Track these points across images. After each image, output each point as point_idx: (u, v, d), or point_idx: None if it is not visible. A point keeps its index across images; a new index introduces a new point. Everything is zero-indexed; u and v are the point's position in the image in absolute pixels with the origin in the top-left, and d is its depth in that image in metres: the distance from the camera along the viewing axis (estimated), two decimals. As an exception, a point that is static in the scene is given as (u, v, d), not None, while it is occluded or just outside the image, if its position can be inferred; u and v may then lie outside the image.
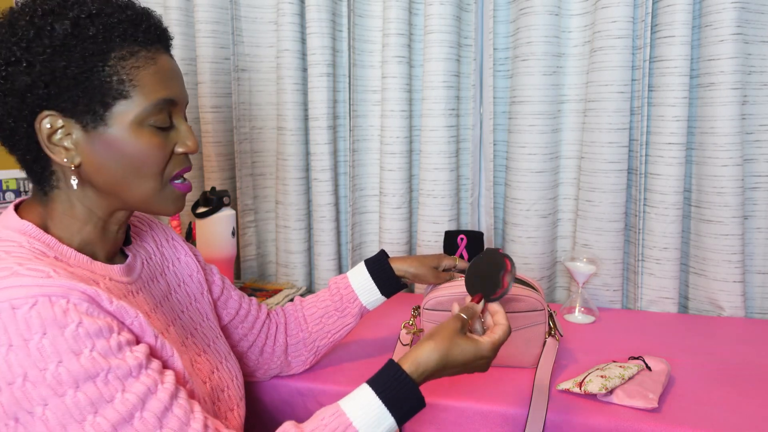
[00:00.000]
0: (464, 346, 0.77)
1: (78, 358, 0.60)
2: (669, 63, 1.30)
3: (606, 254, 1.42)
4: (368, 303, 1.04)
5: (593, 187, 1.40)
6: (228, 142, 1.65)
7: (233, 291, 1.01)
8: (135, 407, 0.62)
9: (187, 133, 0.76)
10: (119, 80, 0.69)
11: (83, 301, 0.62)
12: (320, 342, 1.06)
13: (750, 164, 1.34)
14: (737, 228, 1.32)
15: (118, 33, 0.69)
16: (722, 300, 1.35)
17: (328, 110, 1.53)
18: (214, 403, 0.80)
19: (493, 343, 0.79)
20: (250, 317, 1.02)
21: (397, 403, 0.72)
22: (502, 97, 1.50)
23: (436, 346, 0.76)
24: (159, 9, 1.64)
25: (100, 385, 0.60)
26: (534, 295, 1.06)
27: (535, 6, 1.37)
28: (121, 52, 0.69)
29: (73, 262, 0.71)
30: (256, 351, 1.02)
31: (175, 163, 0.75)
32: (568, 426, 0.93)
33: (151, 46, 0.72)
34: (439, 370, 0.76)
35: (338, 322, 1.05)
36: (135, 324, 0.68)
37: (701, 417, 0.92)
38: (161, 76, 0.72)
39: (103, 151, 0.70)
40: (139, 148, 0.71)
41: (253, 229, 1.69)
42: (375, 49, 1.55)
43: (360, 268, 1.06)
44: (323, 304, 1.06)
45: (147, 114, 0.71)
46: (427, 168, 1.50)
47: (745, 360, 1.12)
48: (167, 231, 0.95)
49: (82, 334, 0.61)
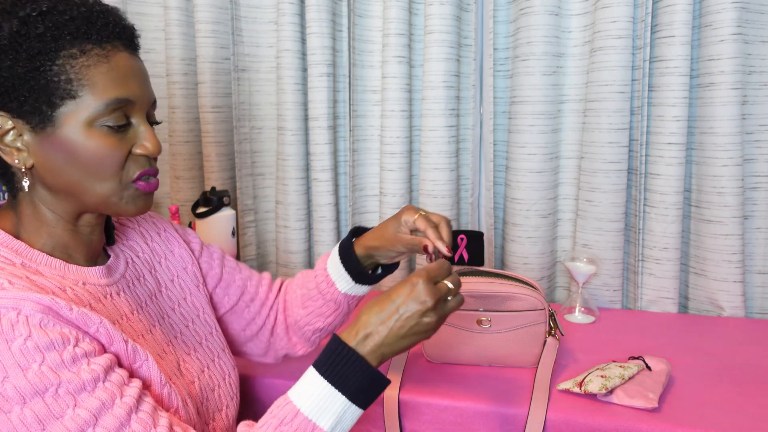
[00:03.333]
0: (396, 286, 0.70)
1: (25, 373, 0.58)
2: (669, 63, 1.30)
3: (606, 254, 1.42)
4: (347, 290, 0.93)
5: (593, 187, 1.41)
6: (228, 142, 1.65)
7: (237, 275, 0.97)
8: (86, 423, 0.59)
9: (146, 134, 0.72)
10: (67, 79, 0.66)
11: (37, 312, 0.61)
12: (313, 325, 0.97)
13: (750, 164, 1.34)
14: (737, 228, 1.32)
15: (69, 31, 0.67)
16: (722, 300, 1.35)
17: (328, 110, 1.53)
18: (202, 403, 0.79)
19: (424, 269, 0.70)
20: (257, 301, 0.98)
21: (344, 379, 0.66)
22: (502, 97, 1.50)
23: (367, 307, 0.70)
24: (159, 9, 1.64)
25: (49, 400, 0.59)
26: (534, 295, 1.06)
27: (535, 6, 1.37)
28: (71, 51, 0.67)
29: (43, 267, 0.69)
30: (267, 333, 0.99)
31: (136, 164, 0.71)
32: (568, 426, 0.93)
33: (106, 44, 0.69)
34: (379, 326, 0.68)
35: (324, 307, 0.96)
36: (101, 331, 0.66)
37: (701, 417, 0.92)
38: (114, 75, 0.68)
39: (54, 152, 0.68)
40: (91, 149, 0.68)
41: (253, 229, 1.69)
42: (375, 49, 1.55)
43: (335, 250, 0.94)
44: (310, 285, 0.96)
45: (98, 114, 0.68)
46: (427, 168, 1.50)
47: (745, 360, 1.12)
48: (159, 224, 0.92)
49: (31, 348, 0.59)
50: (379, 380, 0.68)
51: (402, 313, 0.68)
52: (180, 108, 1.64)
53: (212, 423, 0.81)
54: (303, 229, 1.61)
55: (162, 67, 1.67)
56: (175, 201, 1.69)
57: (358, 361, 0.67)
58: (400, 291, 0.69)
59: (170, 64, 1.61)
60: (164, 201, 1.75)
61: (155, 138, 0.72)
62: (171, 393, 0.71)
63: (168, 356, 0.78)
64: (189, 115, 1.65)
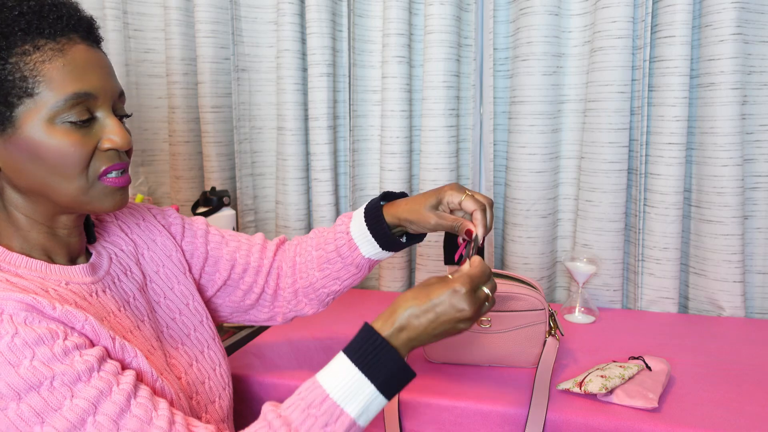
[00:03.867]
0: (431, 287, 0.71)
1: (17, 369, 0.58)
2: (669, 63, 1.30)
3: (606, 254, 1.42)
4: (372, 255, 0.91)
5: (593, 187, 1.41)
6: (228, 142, 1.66)
7: (224, 248, 0.95)
8: (86, 412, 0.60)
9: (113, 127, 0.69)
10: (22, 77, 0.64)
11: (20, 311, 0.60)
12: (329, 288, 0.95)
13: (750, 164, 1.34)
14: (737, 228, 1.32)
15: (20, 27, 0.65)
16: (722, 300, 1.35)
17: (328, 110, 1.53)
18: (192, 397, 0.79)
19: (467, 275, 0.71)
20: (251, 270, 0.96)
21: (375, 368, 0.67)
22: (502, 97, 1.50)
23: (402, 300, 0.70)
24: (159, 9, 1.64)
25: (45, 394, 0.59)
26: (534, 295, 1.06)
27: (535, 6, 1.37)
28: (23, 47, 0.65)
29: (22, 270, 0.68)
30: (268, 298, 0.98)
31: (102, 159, 0.70)
32: (568, 426, 0.93)
33: (61, 38, 0.67)
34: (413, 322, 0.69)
35: (343, 270, 0.93)
36: (86, 328, 0.65)
37: (701, 417, 0.92)
38: (71, 69, 0.66)
39: (18, 153, 0.66)
40: (54, 147, 0.66)
41: (253, 229, 1.69)
42: (375, 49, 1.56)
43: (359, 214, 0.91)
44: (329, 248, 0.94)
45: (58, 110, 0.66)
46: (427, 168, 1.50)
47: (745, 360, 1.12)
48: (138, 213, 0.90)
49: (20, 345, 0.59)
50: (408, 372, 0.69)
51: (439, 314, 0.70)
52: (180, 108, 1.64)
53: (205, 415, 0.80)
54: (303, 229, 1.61)
55: (162, 67, 1.67)
56: (175, 201, 1.69)
57: (391, 352, 0.67)
58: (441, 292, 0.70)
59: (170, 64, 1.62)
60: (164, 201, 1.75)
61: (123, 130, 0.70)
62: (164, 386, 0.71)
63: (156, 352, 0.77)
64: (189, 115, 1.65)
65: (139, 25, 1.66)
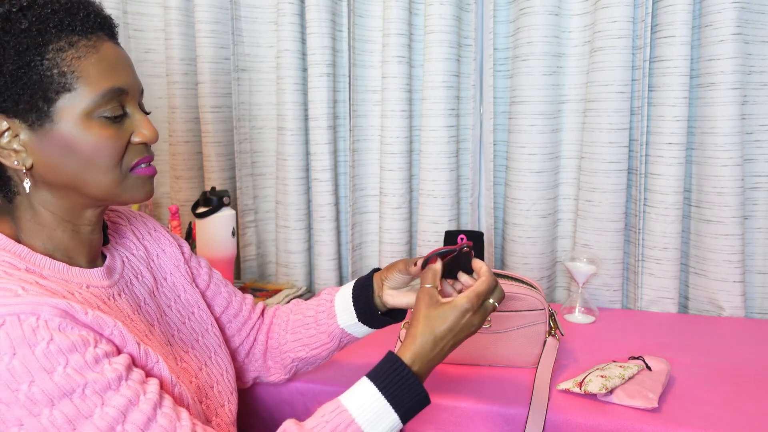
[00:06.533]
0: (442, 312, 0.75)
1: (51, 376, 0.59)
2: (669, 63, 1.30)
3: (606, 254, 1.42)
4: (346, 326, 0.91)
5: (593, 187, 1.40)
6: (228, 142, 1.65)
7: (223, 288, 0.97)
8: (116, 420, 0.60)
9: (142, 121, 0.72)
10: (60, 73, 0.66)
11: (55, 317, 0.61)
12: (296, 353, 0.95)
13: (750, 164, 1.34)
14: (737, 228, 1.32)
15: (54, 24, 0.66)
16: (722, 300, 1.35)
17: (328, 110, 1.53)
18: (202, 401, 0.79)
19: (475, 294, 0.76)
20: (240, 318, 0.97)
21: (399, 398, 0.70)
22: (502, 97, 1.50)
23: (420, 329, 0.74)
24: (159, 9, 1.64)
25: (77, 401, 0.59)
26: (534, 295, 1.06)
27: (535, 6, 1.37)
28: (58, 44, 0.66)
29: (47, 272, 0.69)
30: (242, 353, 0.98)
31: (133, 153, 0.72)
32: (568, 426, 0.93)
33: (92, 35, 0.68)
34: (434, 350, 0.74)
35: (315, 338, 0.94)
36: (115, 333, 0.66)
37: (701, 417, 0.92)
38: (105, 65, 0.68)
39: (54, 148, 0.68)
40: (91, 141, 0.68)
41: (253, 229, 1.69)
42: (375, 49, 1.55)
43: (348, 286, 0.93)
44: (308, 313, 0.96)
45: (95, 105, 0.68)
46: (427, 168, 1.50)
47: (745, 360, 1.12)
48: (149, 223, 0.92)
49: (54, 351, 0.59)
50: (427, 401, 0.73)
51: (457, 337, 0.76)
52: (180, 108, 1.64)
53: (215, 419, 0.81)
54: (303, 229, 1.61)
55: (162, 67, 1.67)
56: (175, 201, 1.69)
57: (415, 383, 0.72)
58: (455, 315, 0.75)
59: (170, 64, 1.62)
60: (164, 201, 1.75)
61: (152, 125, 0.73)
62: (182, 392, 0.72)
63: (168, 356, 0.78)
64: (189, 115, 1.65)
65: (139, 25, 1.66)
